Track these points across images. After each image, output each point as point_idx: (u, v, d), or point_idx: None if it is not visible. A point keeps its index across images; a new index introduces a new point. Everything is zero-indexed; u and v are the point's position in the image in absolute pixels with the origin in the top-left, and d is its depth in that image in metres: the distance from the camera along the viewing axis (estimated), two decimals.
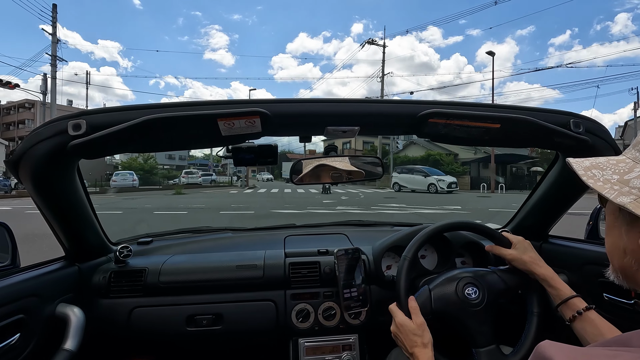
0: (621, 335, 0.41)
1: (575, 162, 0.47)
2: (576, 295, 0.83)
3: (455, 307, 0.90)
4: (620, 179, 0.41)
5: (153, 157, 30.98)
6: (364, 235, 1.50)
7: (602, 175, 0.42)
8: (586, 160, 0.47)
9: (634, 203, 0.37)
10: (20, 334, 0.85)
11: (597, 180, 0.42)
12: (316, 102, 0.82)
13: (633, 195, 0.38)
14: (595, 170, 0.44)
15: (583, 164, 0.46)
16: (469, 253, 1.27)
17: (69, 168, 0.86)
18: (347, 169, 1.07)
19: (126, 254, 1.14)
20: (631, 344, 0.38)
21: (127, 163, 28.11)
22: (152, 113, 0.72)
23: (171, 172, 36.88)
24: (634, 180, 0.40)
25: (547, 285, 0.88)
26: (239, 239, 1.53)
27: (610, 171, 0.43)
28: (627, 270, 0.45)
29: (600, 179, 0.42)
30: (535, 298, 0.93)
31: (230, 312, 1.12)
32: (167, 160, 49.62)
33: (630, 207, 0.37)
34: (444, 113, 0.79)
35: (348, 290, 1.09)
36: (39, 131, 0.74)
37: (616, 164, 0.43)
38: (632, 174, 0.40)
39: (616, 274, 0.47)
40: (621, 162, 0.44)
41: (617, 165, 0.43)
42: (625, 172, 0.41)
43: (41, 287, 0.92)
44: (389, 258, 1.24)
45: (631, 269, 0.43)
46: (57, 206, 0.93)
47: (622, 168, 0.42)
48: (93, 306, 1.07)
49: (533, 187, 1.22)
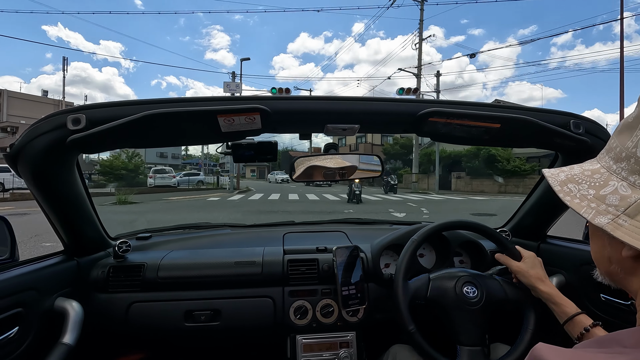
0: (613, 333, 0.41)
1: (551, 175, 0.46)
2: (581, 312, 0.82)
3: (450, 300, 0.91)
4: (597, 194, 0.40)
5: (139, 155, 26.49)
6: (362, 233, 1.51)
7: (579, 191, 0.42)
8: (562, 172, 0.46)
9: (611, 224, 0.37)
10: (19, 328, 0.85)
11: (573, 197, 0.41)
12: (316, 99, 0.81)
13: (610, 214, 0.38)
14: (571, 184, 0.43)
15: (559, 177, 0.45)
16: (466, 252, 1.27)
17: (68, 162, 0.86)
18: (346, 166, 1.07)
19: (125, 249, 1.14)
20: (623, 343, 0.38)
21: (107, 162, 23.22)
22: (151, 108, 0.72)
23: None
24: (609, 197, 0.39)
25: (551, 303, 0.87)
26: (237, 235, 1.53)
27: (586, 185, 0.42)
28: (613, 276, 0.45)
29: (577, 195, 0.41)
30: (532, 315, 0.93)
31: (228, 308, 1.12)
32: (158, 159, 45.58)
33: (607, 228, 0.37)
34: (444, 112, 0.79)
35: (346, 287, 1.10)
36: (38, 125, 0.74)
37: (591, 176, 0.43)
38: (608, 188, 0.40)
39: (603, 277, 0.48)
40: (596, 172, 0.43)
41: (592, 177, 0.42)
42: (601, 185, 0.41)
43: (40, 281, 0.92)
44: (387, 256, 1.25)
45: (618, 276, 0.44)
46: (56, 200, 0.93)
47: (597, 180, 0.42)
48: (91, 300, 1.08)
49: (532, 188, 1.23)
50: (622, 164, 0.40)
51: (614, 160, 0.42)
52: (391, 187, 17.11)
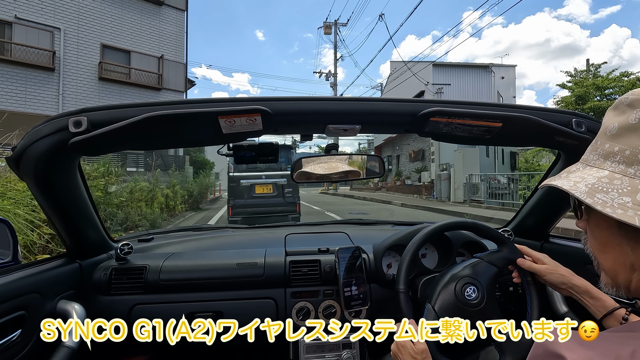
0: (627, 324, 0.41)
1: (569, 188, 0.45)
2: (620, 307, 0.79)
3: (460, 313, 0.89)
4: (634, 200, 0.39)
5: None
6: (364, 234, 1.50)
7: (613, 200, 0.41)
8: (575, 183, 0.45)
9: None
10: (21, 331, 0.85)
11: (614, 209, 0.40)
12: (317, 100, 0.81)
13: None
14: (599, 194, 0.42)
15: (580, 189, 0.44)
16: (469, 252, 1.27)
17: (70, 165, 0.86)
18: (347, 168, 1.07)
19: (127, 251, 1.14)
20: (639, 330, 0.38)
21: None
22: (153, 110, 0.72)
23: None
24: None
25: (588, 297, 0.84)
26: (239, 237, 1.53)
27: (615, 193, 0.41)
28: (634, 284, 0.44)
29: (615, 204, 0.40)
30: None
31: (230, 310, 1.12)
32: None
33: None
34: (446, 112, 0.79)
35: (348, 288, 1.09)
36: (40, 128, 0.74)
37: (611, 183, 0.42)
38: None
39: (615, 288, 0.47)
40: (613, 179, 0.42)
41: (613, 184, 0.42)
42: (630, 191, 0.40)
43: (42, 284, 0.92)
44: (389, 257, 1.24)
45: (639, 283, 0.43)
46: (58, 203, 0.93)
47: (622, 187, 0.41)
48: (94, 303, 1.08)
49: (535, 187, 1.22)
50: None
51: (626, 164, 0.41)
52: None
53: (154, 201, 8.04)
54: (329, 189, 24.82)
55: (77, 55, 12.77)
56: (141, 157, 13.29)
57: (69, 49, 12.63)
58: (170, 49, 15.15)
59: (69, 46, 12.63)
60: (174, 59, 15.23)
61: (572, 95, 12.31)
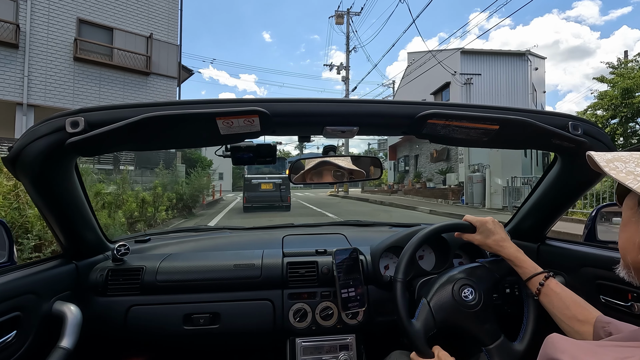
0: (629, 331, 0.41)
1: (596, 154, 0.46)
2: (541, 272, 0.85)
3: (455, 313, 0.91)
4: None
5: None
6: (362, 235, 1.50)
7: (625, 167, 0.42)
8: (608, 153, 0.46)
9: None
10: (17, 332, 0.84)
11: (619, 172, 0.41)
12: (315, 101, 0.81)
13: None
14: (617, 162, 0.43)
15: (605, 157, 0.45)
16: (466, 254, 1.27)
17: (66, 166, 0.86)
18: (346, 169, 1.07)
19: (124, 252, 1.14)
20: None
21: None
22: (150, 111, 0.72)
23: None
24: None
25: (513, 265, 0.90)
26: (236, 238, 1.53)
27: (633, 164, 0.42)
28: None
29: (623, 170, 0.41)
30: (528, 290, 0.94)
31: (227, 311, 1.12)
32: None
33: None
34: (443, 114, 0.79)
35: (346, 290, 1.09)
36: (36, 128, 0.74)
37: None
38: None
39: (628, 269, 0.47)
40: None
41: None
42: None
43: (38, 285, 0.92)
44: (386, 258, 1.25)
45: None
46: (55, 204, 0.92)
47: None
48: (90, 304, 1.07)
49: (531, 189, 1.23)
50: None
51: None
52: None
53: (120, 208, 6.48)
54: (339, 191, 23.35)
55: (47, 30, 10.58)
56: (121, 153, 11.07)
57: (37, 22, 10.44)
58: (162, 28, 12.69)
59: (38, 19, 10.45)
60: (165, 40, 12.71)
61: (616, 88, 10.96)
